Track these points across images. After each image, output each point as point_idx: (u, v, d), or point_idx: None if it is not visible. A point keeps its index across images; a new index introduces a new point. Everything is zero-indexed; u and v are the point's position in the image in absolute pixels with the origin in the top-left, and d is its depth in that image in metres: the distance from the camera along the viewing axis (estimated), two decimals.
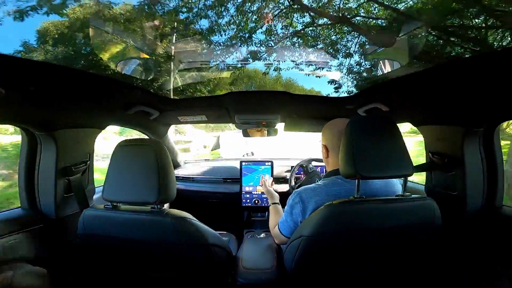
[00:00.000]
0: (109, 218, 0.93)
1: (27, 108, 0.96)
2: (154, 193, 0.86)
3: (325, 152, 1.12)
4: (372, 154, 0.85)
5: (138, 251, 0.97)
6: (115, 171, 0.91)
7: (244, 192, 2.01)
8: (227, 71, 1.41)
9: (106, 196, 0.91)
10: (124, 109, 1.36)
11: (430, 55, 0.86)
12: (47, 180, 1.18)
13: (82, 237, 0.97)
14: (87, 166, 1.31)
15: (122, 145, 0.92)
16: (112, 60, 1.00)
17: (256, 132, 2.01)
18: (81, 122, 1.24)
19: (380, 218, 0.86)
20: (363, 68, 1.16)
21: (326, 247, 0.91)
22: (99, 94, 1.11)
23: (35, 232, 1.12)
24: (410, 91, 1.08)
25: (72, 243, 1.21)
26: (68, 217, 1.24)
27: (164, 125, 1.97)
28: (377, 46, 1.04)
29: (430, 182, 1.30)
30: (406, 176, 0.90)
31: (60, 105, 1.06)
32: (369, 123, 0.89)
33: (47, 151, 1.16)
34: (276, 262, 1.16)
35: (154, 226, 0.89)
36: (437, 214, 0.90)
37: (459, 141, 1.10)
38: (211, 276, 1.06)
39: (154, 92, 1.33)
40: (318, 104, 1.52)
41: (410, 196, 0.91)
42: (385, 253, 0.97)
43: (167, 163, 0.90)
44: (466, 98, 0.94)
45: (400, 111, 1.27)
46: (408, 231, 0.91)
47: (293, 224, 1.05)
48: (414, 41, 0.87)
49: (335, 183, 1.01)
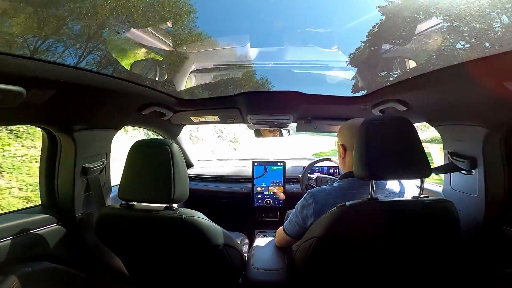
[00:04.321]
0: (124, 217, 0.95)
1: (48, 110, 1.00)
2: (168, 192, 0.87)
3: (343, 152, 1.08)
4: (387, 155, 0.83)
5: (151, 249, 0.99)
6: (130, 171, 0.93)
7: (256, 192, 2.01)
8: (239, 71, 1.41)
9: (121, 195, 0.94)
10: (139, 110, 1.39)
11: (448, 53, 0.84)
12: (67, 179, 1.22)
13: (99, 235, 1.00)
14: (104, 165, 1.35)
15: (137, 146, 0.94)
16: (129, 63, 1.02)
17: (269, 133, 2.01)
18: (99, 123, 1.27)
19: (394, 220, 0.84)
20: (379, 67, 1.14)
21: (338, 248, 0.89)
22: (116, 96, 1.14)
23: (54, 230, 1.16)
24: (427, 90, 1.05)
25: (89, 241, 1.25)
26: (86, 215, 1.27)
27: (178, 125, 2.00)
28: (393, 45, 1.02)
29: (448, 184, 1.25)
30: (423, 177, 0.87)
31: (79, 107, 1.09)
32: (384, 123, 0.87)
33: (67, 151, 1.21)
34: (287, 263, 1.15)
35: (167, 225, 0.91)
36: (455, 216, 0.86)
37: (479, 142, 1.05)
38: (222, 276, 1.06)
39: (168, 93, 1.35)
40: (331, 103, 1.50)
41: (427, 198, 0.88)
42: (399, 256, 0.94)
43: (180, 163, 0.91)
44: (487, 96, 0.90)
45: (417, 111, 1.23)
46: (424, 234, 0.88)
47: (299, 225, 1.02)
48: (431, 39, 0.84)
49: (351, 186, 0.98)
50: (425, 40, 0.85)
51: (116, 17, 0.77)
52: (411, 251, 0.92)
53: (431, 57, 0.88)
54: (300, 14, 0.97)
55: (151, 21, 0.86)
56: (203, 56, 1.22)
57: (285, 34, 1.08)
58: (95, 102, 1.12)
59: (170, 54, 1.08)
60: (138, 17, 0.80)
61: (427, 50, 0.87)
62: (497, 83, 0.78)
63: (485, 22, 0.71)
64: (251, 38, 1.10)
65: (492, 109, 0.96)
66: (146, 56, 1.06)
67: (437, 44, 0.83)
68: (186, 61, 1.21)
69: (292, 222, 1.06)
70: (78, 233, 1.24)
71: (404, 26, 0.87)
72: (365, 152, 0.83)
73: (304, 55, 1.29)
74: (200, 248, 0.94)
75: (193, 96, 1.51)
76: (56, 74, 0.81)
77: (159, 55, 1.10)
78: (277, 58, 1.27)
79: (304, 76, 1.44)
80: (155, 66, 1.17)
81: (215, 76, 1.48)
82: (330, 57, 1.25)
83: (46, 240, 1.12)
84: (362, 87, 1.31)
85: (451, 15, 0.76)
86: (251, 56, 1.24)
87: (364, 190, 0.95)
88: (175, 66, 1.23)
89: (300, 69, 1.40)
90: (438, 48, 0.84)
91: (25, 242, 1.05)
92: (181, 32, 0.96)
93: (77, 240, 1.23)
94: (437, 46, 0.84)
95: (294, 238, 1.09)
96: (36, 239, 1.09)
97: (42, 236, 1.11)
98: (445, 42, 0.81)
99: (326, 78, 1.50)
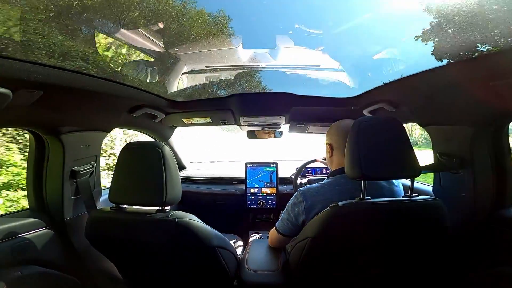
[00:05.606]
0: (115, 220, 0.93)
1: (35, 112, 0.97)
2: (160, 195, 0.86)
3: (330, 151, 1.12)
4: (377, 155, 0.84)
5: (143, 252, 0.98)
6: (121, 173, 0.92)
7: (249, 194, 2.01)
8: (232, 73, 1.41)
9: (112, 198, 0.92)
10: (130, 112, 1.37)
11: (435, 54, 0.85)
12: (55, 183, 1.19)
13: (89, 239, 0.98)
14: (94, 168, 1.33)
15: (128, 148, 0.92)
16: (118, 63, 1.01)
17: (263, 134, 2.01)
18: (88, 125, 1.25)
19: (386, 219, 0.85)
20: (369, 68, 1.15)
21: (331, 249, 0.90)
22: (105, 98, 1.13)
23: (43, 234, 1.14)
24: (416, 91, 1.07)
25: (79, 245, 1.23)
26: (76, 219, 1.25)
27: (169, 127, 1.99)
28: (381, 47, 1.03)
29: (438, 183, 1.27)
30: (413, 176, 0.88)
31: (67, 109, 1.07)
32: (374, 124, 0.88)
33: (55, 154, 1.18)
34: (281, 264, 1.15)
35: (159, 227, 0.89)
36: (445, 215, 0.88)
37: (467, 141, 1.08)
38: (217, 278, 1.06)
39: (160, 95, 1.34)
40: (322, 105, 1.52)
41: (417, 197, 0.89)
42: (391, 254, 0.95)
43: (172, 165, 0.90)
44: (474, 97, 0.93)
45: (406, 111, 1.26)
46: (415, 232, 0.89)
47: (291, 222, 1.04)
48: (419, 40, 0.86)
49: (339, 182, 1.01)
50: (413, 41, 0.87)
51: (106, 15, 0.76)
52: (403, 249, 0.94)
53: (419, 58, 0.89)
54: (292, 16, 0.97)
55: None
56: (196, 57, 1.22)
57: (278, 36, 1.09)
58: (83, 104, 1.10)
59: (162, 55, 1.08)
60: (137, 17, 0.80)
61: (415, 51, 0.89)
62: (484, 83, 0.80)
63: (472, 23, 0.73)
64: (243, 40, 1.10)
65: (479, 109, 0.98)
66: (137, 58, 1.05)
67: (425, 45, 0.85)
68: (178, 63, 1.21)
69: (284, 220, 1.08)
70: (69, 237, 1.21)
71: (392, 28, 0.89)
72: (356, 152, 0.84)
73: (296, 57, 1.30)
74: (194, 251, 0.94)
75: (184, 97, 1.50)
76: (43, 75, 0.79)
77: (150, 57, 1.09)
78: (270, 60, 1.28)
79: (296, 78, 1.45)
80: (146, 68, 1.16)
81: (207, 77, 1.48)
82: (322, 59, 1.26)
83: (35, 244, 1.09)
84: (353, 88, 1.33)
85: (440, 17, 0.78)
86: (244, 57, 1.24)
87: (351, 186, 0.97)
88: (167, 67, 1.22)
89: (292, 70, 1.41)
90: (427, 49, 0.86)
91: (14, 246, 1.02)
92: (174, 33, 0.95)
93: (67, 244, 1.21)
94: (425, 47, 0.86)
95: (287, 237, 1.10)
96: (25, 243, 1.06)
97: (31, 240, 1.08)
98: (433, 43, 0.83)
99: (318, 80, 1.51)
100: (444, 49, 0.84)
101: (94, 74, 0.93)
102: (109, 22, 0.81)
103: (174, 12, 0.90)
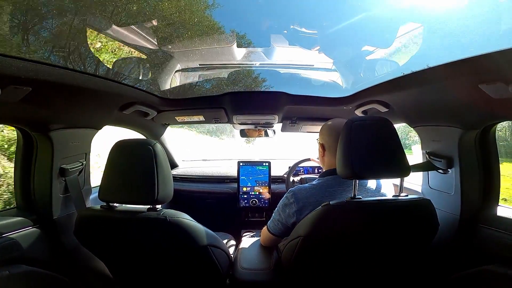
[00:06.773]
0: (105, 219, 0.92)
1: (23, 108, 0.95)
2: (151, 193, 0.85)
3: (322, 151, 1.13)
4: (369, 155, 0.85)
5: (134, 251, 0.97)
6: (111, 171, 0.91)
7: (242, 193, 2.01)
8: (225, 72, 1.41)
9: (102, 196, 0.90)
10: (121, 109, 1.35)
11: (426, 55, 0.87)
12: (43, 181, 1.17)
13: (78, 238, 0.96)
14: (83, 166, 1.30)
15: (118, 145, 0.91)
16: (109, 60, 0.99)
17: (254, 132, 2.01)
18: (77, 123, 1.22)
19: (377, 219, 0.87)
20: (361, 69, 1.17)
21: (323, 247, 0.91)
22: (95, 94, 1.10)
23: (31, 233, 1.11)
24: (407, 92, 1.09)
25: (68, 244, 1.20)
26: (64, 217, 1.22)
27: (162, 125, 1.97)
28: (375, 47, 1.05)
29: (427, 183, 1.30)
30: (402, 176, 0.90)
31: (56, 106, 1.05)
32: (366, 124, 0.89)
33: (43, 152, 1.15)
34: (274, 263, 1.16)
35: (150, 226, 0.88)
36: (433, 214, 0.90)
37: (455, 142, 1.10)
38: (209, 277, 1.05)
39: (151, 92, 1.32)
40: (315, 104, 1.52)
41: (406, 197, 0.91)
42: (382, 253, 0.97)
43: (164, 163, 0.89)
44: (463, 98, 0.95)
45: (397, 112, 1.28)
46: (405, 231, 0.91)
47: (282, 223, 1.05)
48: (411, 42, 0.88)
49: (331, 184, 1.02)
50: (405, 43, 0.88)
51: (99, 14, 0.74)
52: (393, 248, 0.95)
53: (410, 59, 0.91)
54: (287, 15, 0.98)
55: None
56: (189, 55, 1.21)
57: (272, 35, 1.09)
58: (73, 101, 1.08)
59: (154, 52, 1.06)
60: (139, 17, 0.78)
61: (407, 52, 0.90)
62: (473, 85, 0.81)
63: (462, 25, 0.75)
64: (237, 38, 1.10)
65: (468, 110, 1.01)
66: (128, 54, 1.04)
67: (417, 47, 0.87)
68: (171, 60, 1.19)
69: (275, 220, 1.08)
70: (57, 236, 1.19)
71: (387, 29, 0.90)
72: (348, 152, 0.85)
73: (290, 56, 1.31)
74: (185, 249, 0.93)
75: (177, 95, 1.48)
76: (32, 71, 0.77)
77: (142, 54, 1.07)
78: (264, 59, 1.28)
79: (290, 77, 1.45)
80: (138, 65, 1.14)
81: (200, 75, 1.47)
82: (316, 59, 1.27)
83: (23, 243, 1.06)
84: (345, 88, 1.34)
85: (431, 20, 0.79)
86: (238, 56, 1.24)
87: (343, 188, 0.98)
88: (160, 64, 1.21)
89: (286, 70, 1.41)
90: (417, 50, 0.87)
91: (1, 245, 0.99)
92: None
93: (56, 242, 1.18)
94: (417, 49, 0.88)
95: (278, 237, 1.11)
96: (13, 242, 1.03)
97: (19, 239, 1.06)
98: (424, 44, 0.85)
99: (311, 80, 1.52)
100: (434, 50, 0.85)
101: (84, 71, 0.91)
102: (101, 18, 0.80)
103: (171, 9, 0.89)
